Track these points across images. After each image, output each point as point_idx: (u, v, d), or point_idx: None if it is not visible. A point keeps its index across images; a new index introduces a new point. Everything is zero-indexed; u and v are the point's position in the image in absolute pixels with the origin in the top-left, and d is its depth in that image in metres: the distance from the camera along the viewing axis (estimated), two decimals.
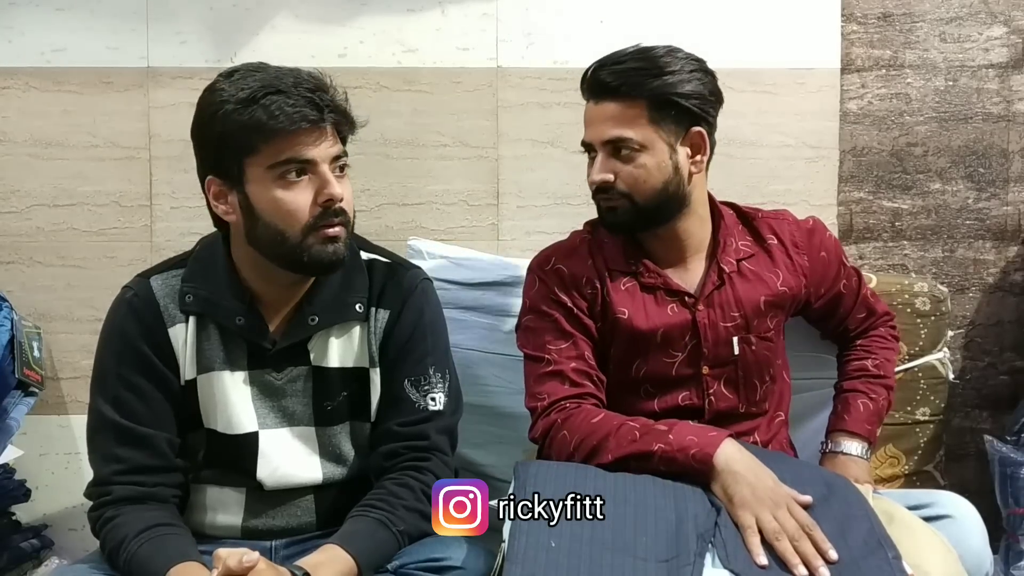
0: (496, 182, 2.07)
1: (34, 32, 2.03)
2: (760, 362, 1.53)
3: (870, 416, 1.60)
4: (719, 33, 2.04)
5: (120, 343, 1.35)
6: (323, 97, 1.28)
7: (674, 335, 1.50)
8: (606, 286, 1.52)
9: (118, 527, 1.26)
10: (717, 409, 1.51)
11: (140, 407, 1.33)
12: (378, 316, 1.41)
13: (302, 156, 1.27)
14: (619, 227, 1.51)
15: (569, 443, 1.41)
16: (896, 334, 1.72)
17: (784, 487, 1.30)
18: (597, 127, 1.47)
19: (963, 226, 2.13)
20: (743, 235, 1.58)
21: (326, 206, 1.28)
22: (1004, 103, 2.12)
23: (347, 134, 1.35)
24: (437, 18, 2.05)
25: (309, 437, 1.39)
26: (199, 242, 1.44)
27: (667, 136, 1.46)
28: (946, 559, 1.27)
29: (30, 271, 2.06)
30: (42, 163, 2.04)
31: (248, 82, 1.27)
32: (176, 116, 2.04)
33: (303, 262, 1.30)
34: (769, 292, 1.53)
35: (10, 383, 1.86)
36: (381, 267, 1.44)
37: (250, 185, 1.28)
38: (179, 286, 1.37)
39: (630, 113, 1.44)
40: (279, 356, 1.37)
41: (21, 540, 1.95)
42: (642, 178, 1.45)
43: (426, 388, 1.40)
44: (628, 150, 1.45)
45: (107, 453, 1.32)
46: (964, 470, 2.13)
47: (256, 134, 1.25)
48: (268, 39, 2.04)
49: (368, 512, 1.30)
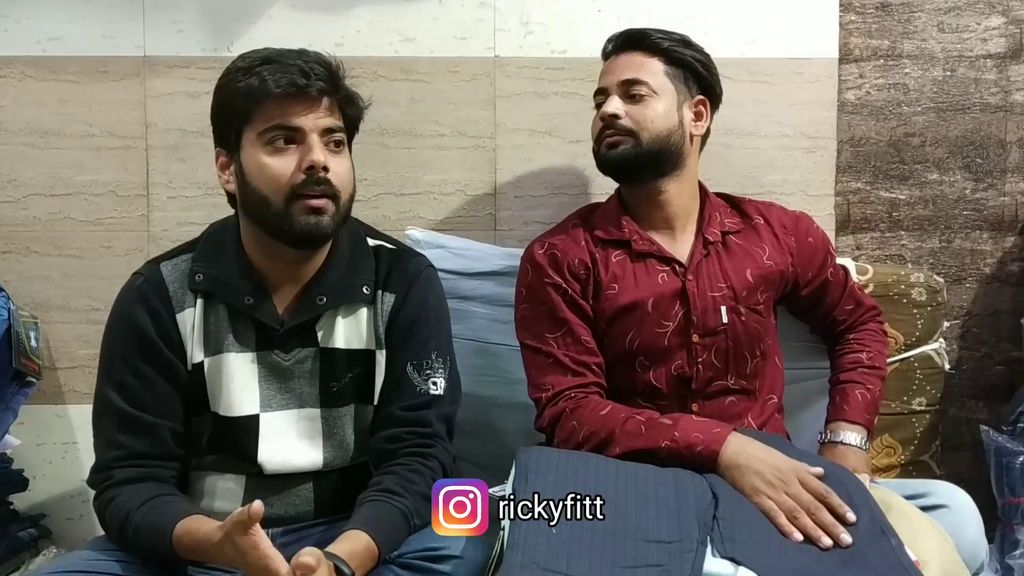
0: (494, 172, 2.07)
1: (30, 21, 2.02)
2: (750, 334, 1.56)
3: (868, 406, 1.61)
4: (717, 22, 2.03)
5: (128, 329, 1.36)
6: (315, 68, 1.31)
7: (664, 304, 1.54)
8: (598, 266, 1.56)
9: (120, 505, 1.28)
10: (705, 378, 1.54)
11: (145, 394, 1.34)
12: (384, 299, 1.43)
13: (290, 123, 1.30)
14: (618, 165, 1.56)
15: (578, 433, 1.45)
16: (885, 328, 1.74)
17: (791, 461, 1.34)
18: (617, 71, 1.58)
19: (960, 216, 2.14)
20: (730, 214, 1.64)
21: (309, 173, 1.30)
22: (1002, 93, 2.12)
23: (351, 113, 1.38)
24: (435, 7, 2.04)
25: (314, 419, 1.40)
26: (210, 226, 1.46)
27: (677, 91, 1.57)
28: (942, 548, 1.28)
29: (27, 261, 2.05)
30: (38, 152, 2.04)
31: (251, 56, 1.33)
32: (173, 105, 2.03)
33: (286, 231, 1.32)
34: (756, 266, 1.58)
35: (7, 373, 1.85)
36: (387, 253, 1.46)
37: (243, 152, 1.33)
38: (188, 268, 1.38)
39: (648, 62, 1.57)
40: (287, 337, 1.38)
41: (19, 530, 1.95)
42: (650, 118, 1.54)
43: (428, 372, 1.42)
44: (641, 93, 1.55)
45: (110, 439, 1.33)
46: (960, 460, 2.13)
47: (247, 99, 1.30)
48: (265, 28, 2.03)
49: (390, 499, 1.30)
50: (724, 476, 1.34)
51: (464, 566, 1.23)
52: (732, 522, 1.23)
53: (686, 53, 1.59)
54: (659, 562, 1.15)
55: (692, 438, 1.37)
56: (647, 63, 1.57)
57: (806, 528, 1.24)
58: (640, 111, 1.55)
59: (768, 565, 1.16)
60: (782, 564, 1.17)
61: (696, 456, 1.36)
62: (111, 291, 2.03)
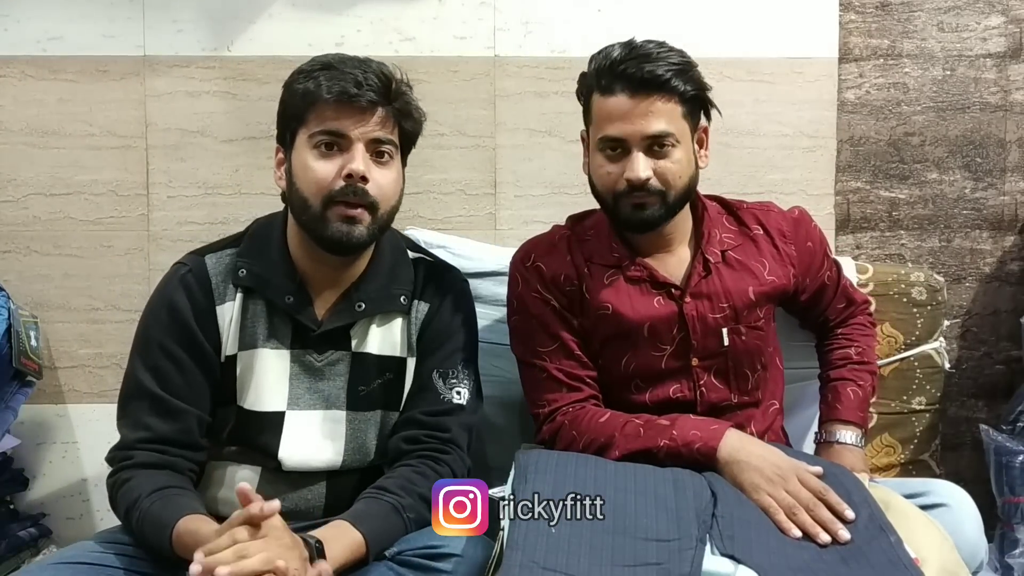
0: (493, 171, 2.07)
1: (30, 20, 2.02)
2: (751, 351, 1.53)
3: (860, 403, 1.61)
4: (717, 22, 2.03)
5: (168, 315, 1.37)
6: (370, 79, 1.33)
7: (661, 327, 1.50)
8: (586, 282, 1.52)
9: (131, 489, 1.29)
10: (709, 401, 1.51)
11: (178, 380, 1.36)
12: (419, 308, 1.45)
13: (337, 130, 1.33)
14: (648, 225, 1.47)
15: (578, 442, 1.44)
16: (873, 320, 1.73)
17: (790, 459, 1.34)
18: (638, 122, 1.40)
19: (960, 216, 2.14)
20: (728, 226, 1.57)
21: (348, 181, 1.32)
22: (1002, 93, 2.12)
23: (407, 127, 1.40)
24: (435, 7, 2.04)
25: (339, 421, 1.42)
26: (255, 221, 1.47)
27: (690, 128, 1.46)
28: (942, 547, 1.28)
29: (27, 260, 2.06)
30: (38, 152, 2.04)
31: (317, 60, 1.37)
32: (173, 104, 2.03)
33: (321, 236, 1.34)
34: (757, 282, 1.53)
35: (7, 373, 1.85)
36: (426, 265, 1.50)
37: (295, 152, 1.36)
38: (232, 263, 1.40)
39: (668, 107, 1.41)
40: (322, 339, 1.40)
41: (19, 529, 1.95)
42: (676, 173, 1.44)
43: (453, 382, 1.44)
44: (667, 145, 1.42)
45: (137, 420, 1.35)
46: (960, 459, 2.14)
47: (302, 101, 1.34)
48: (265, 27, 2.03)
49: (382, 495, 1.31)
50: (723, 472, 1.34)
51: (464, 565, 1.23)
52: (731, 520, 1.23)
53: (698, 86, 1.45)
54: (658, 560, 1.15)
55: (690, 436, 1.37)
56: (669, 111, 1.41)
57: (805, 525, 1.24)
58: (668, 168, 1.42)
59: (767, 563, 1.16)
60: (781, 561, 1.17)
61: (695, 453, 1.36)
62: (111, 290, 2.06)
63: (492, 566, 1.22)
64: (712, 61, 1.54)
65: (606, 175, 1.45)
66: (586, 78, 1.48)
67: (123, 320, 2.04)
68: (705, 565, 1.15)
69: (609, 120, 1.42)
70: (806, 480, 1.29)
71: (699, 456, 1.36)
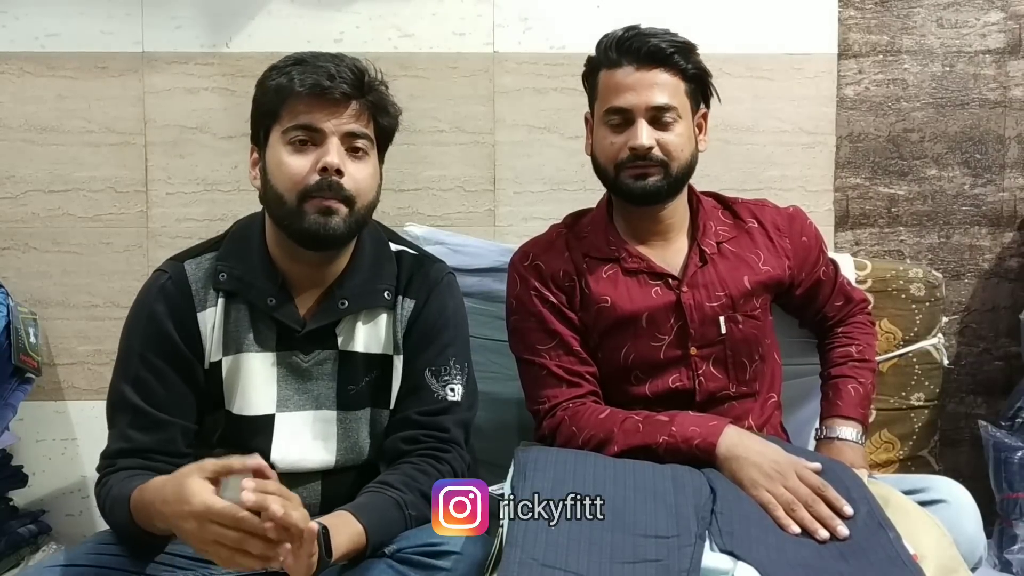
0: (492, 168, 2.07)
1: (28, 17, 2.02)
2: (748, 340, 1.55)
3: (861, 400, 1.62)
4: (716, 18, 2.03)
5: (148, 325, 1.36)
6: (343, 72, 1.31)
7: (659, 317, 1.52)
8: (584, 278, 1.54)
9: (111, 489, 1.28)
10: (708, 390, 1.52)
11: (160, 391, 1.34)
12: (404, 305, 1.43)
13: (311, 124, 1.31)
14: (649, 196, 1.49)
15: (577, 438, 1.45)
16: (872, 319, 1.74)
17: (789, 455, 1.34)
18: (643, 93, 1.46)
19: (959, 212, 2.14)
20: (723, 219, 1.60)
21: (322, 175, 1.30)
22: (1001, 89, 2.12)
23: (383, 122, 1.38)
24: (433, 3, 2.04)
25: (329, 421, 1.41)
26: (235, 223, 1.46)
27: (692, 109, 1.51)
28: (940, 543, 1.28)
29: (26, 257, 2.05)
30: (37, 149, 2.04)
31: (289, 57, 1.35)
32: (171, 101, 2.03)
33: (297, 229, 1.32)
34: (752, 273, 1.55)
35: (6, 369, 1.85)
36: (409, 259, 1.47)
37: (269, 149, 1.34)
38: (212, 267, 1.38)
39: (673, 82, 1.48)
40: (307, 339, 1.39)
41: (18, 526, 1.95)
42: (679, 147, 1.48)
43: (446, 379, 1.42)
44: (669, 118, 1.47)
45: (121, 432, 1.34)
46: (959, 455, 2.14)
47: (275, 96, 1.32)
48: (264, 24, 2.03)
49: (385, 489, 1.30)
50: (722, 468, 1.35)
51: (463, 562, 1.23)
52: (730, 516, 1.24)
53: (699, 67, 1.51)
54: (658, 557, 1.15)
55: (689, 432, 1.38)
56: (673, 84, 1.47)
57: (803, 521, 1.25)
58: (671, 140, 1.47)
59: (766, 559, 1.16)
60: (780, 557, 1.17)
61: (694, 449, 1.37)
62: (110, 287, 2.06)
63: (491, 563, 1.22)
64: (711, 57, 1.53)
65: (609, 145, 1.50)
66: (592, 60, 1.54)
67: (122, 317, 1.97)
68: (704, 561, 1.15)
69: (616, 91, 1.48)
70: (805, 476, 1.30)
71: (698, 452, 1.36)
